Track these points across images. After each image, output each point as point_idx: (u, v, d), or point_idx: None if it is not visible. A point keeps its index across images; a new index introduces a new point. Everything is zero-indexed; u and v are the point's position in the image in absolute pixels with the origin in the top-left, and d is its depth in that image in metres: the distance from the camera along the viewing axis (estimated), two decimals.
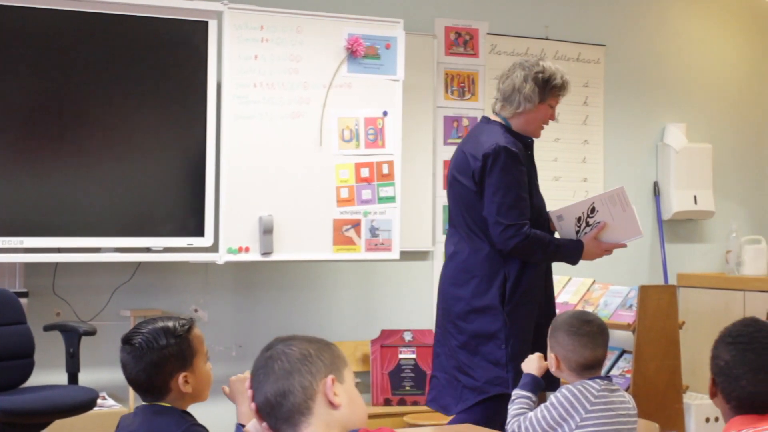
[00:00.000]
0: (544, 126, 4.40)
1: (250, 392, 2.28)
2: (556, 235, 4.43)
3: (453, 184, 4.39)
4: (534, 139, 4.40)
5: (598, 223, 4.31)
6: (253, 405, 2.27)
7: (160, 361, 2.91)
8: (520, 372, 3.75)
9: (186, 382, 2.94)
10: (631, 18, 7.12)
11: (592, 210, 4.31)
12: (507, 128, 4.32)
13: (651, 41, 7.22)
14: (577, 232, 4.36)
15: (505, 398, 3.56)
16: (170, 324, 2.97)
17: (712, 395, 2.73)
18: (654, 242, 7.11)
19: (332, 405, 2.22)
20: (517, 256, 4.23)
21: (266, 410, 2.24)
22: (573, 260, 4.37)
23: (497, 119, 4.37)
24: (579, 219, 4.34)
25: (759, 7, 7.50)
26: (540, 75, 4.28)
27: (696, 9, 7.40)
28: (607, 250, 4.39)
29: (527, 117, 4.32)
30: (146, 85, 5.31)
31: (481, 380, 4.15)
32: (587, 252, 4.34)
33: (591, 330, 3.54)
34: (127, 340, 2.94)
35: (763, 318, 2.82)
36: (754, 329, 2.68)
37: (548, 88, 4.29)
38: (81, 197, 5.24)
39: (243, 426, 2.70)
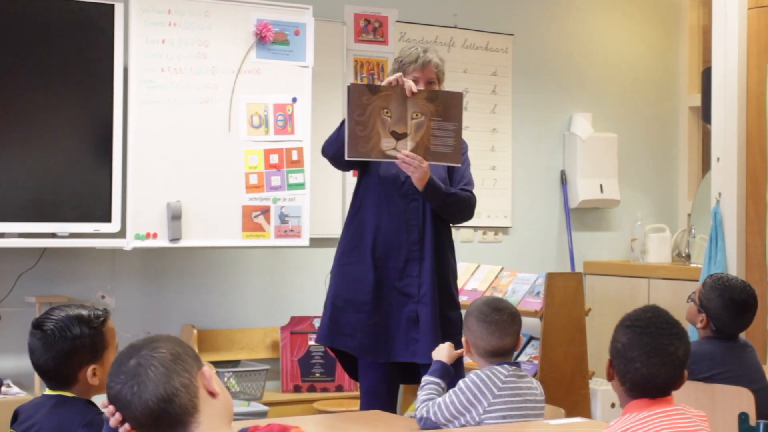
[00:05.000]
0: None
1: (118, 415, 2.15)
2: None
3: None
4: None
5: None
6: (127, 426, 2.15)
7: (71, 351, 2.83)
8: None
9: (94, 374, 2.86)
10: (539, 8, 7.18)
11: None
12: None
13: (558, 31, 7.29)
14: None
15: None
16: (85, 313, 2.89)
17: (609, 377, 2.84)
18: (561, 230, 7.19)
19: (212, 395, 2.17)
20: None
21: (147, 423, 2.12)
22: None
23: None
24: None
25: None
26: (396, 61, 4.58)
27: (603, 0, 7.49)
28: None
29: None
30: (51, 68, 5.21)
31: None
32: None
33: (500, 318, 3.57)
34: (38, 326, 2.85)
35: (664, 306, 2.92)
36: (652, 315, 2.81)
37: (402, 69, 4.49)
38: None
39: None
